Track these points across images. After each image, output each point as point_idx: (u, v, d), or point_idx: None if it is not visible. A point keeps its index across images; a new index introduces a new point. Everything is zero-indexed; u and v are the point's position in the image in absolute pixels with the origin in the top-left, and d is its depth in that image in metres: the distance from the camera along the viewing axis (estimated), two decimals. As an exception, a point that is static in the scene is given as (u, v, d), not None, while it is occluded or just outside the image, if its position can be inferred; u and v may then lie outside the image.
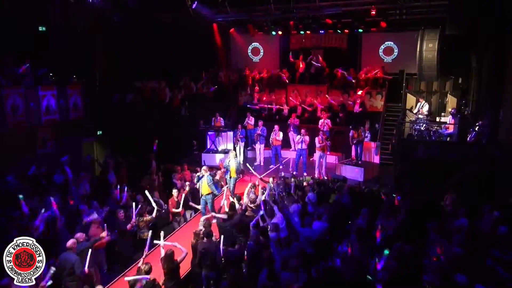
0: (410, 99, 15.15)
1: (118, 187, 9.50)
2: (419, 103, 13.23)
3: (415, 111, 13.32)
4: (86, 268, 6.23)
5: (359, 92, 15.06)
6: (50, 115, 11.65)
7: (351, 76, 15.55)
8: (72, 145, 12.07)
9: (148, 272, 5.85)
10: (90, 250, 6.35)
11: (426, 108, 12.92)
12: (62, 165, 10.61)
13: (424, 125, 11.98)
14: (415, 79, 15.16)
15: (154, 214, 8.29)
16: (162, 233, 6.94)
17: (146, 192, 8.67)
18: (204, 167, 9.61)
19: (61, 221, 7.46)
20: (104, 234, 7.23)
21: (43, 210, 7.15)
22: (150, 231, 7.44)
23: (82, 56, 13.37)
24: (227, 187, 10.22)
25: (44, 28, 12.22)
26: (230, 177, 10.65)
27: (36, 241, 4.85)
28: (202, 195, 9.45)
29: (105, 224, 7.54)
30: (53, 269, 5.40)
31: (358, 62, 16.72)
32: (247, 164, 11.70)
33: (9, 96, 10.43)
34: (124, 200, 9.07)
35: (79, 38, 12.91)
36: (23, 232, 6.40)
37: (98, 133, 13.08)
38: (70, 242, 6.38)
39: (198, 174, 9.83)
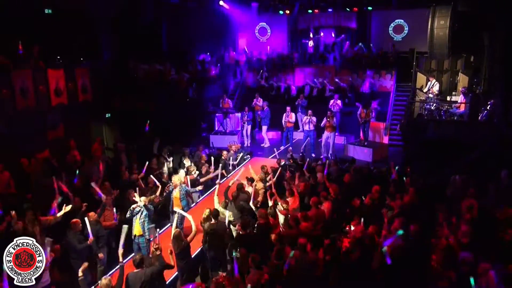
0: (421, 78, 14.91)
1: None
2: (429, 82, 13.02)
3: (425, 90, 13.13)
4: (90, 236, 6.40)
5: (368, 72, 14.87)
6: (59, 97, 11.71)
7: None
8: (81, 128, 12.16)
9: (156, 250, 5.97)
10: (86, 218, 6.47)
11: (436, 87, 12.72)
12: (73, 148, 10.76)
13: (434, 104, 11.82)
14: (425, 57, 14.89)
15: (158, 194, 8.36)
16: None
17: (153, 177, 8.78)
18: (141, 198, 7.22)
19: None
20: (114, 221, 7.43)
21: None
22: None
23: (89, 38, 13.33)
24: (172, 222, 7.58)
25: (50, 11, 12.17)
26: (172, 210, 8.06)
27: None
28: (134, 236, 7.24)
29: (115, 208, 7.71)
30: None
31: (368, 40, 16.44)
32: (275, 149, 11.89)
33: (18, 78, 10.47)
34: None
35: (86, 20, 12.85)
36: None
37: (107, 116, 13.14)
38: (73, 221, 6.59)
39: (133, 207, 7.17)
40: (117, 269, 5.58)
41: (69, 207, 6.92)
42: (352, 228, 6.60)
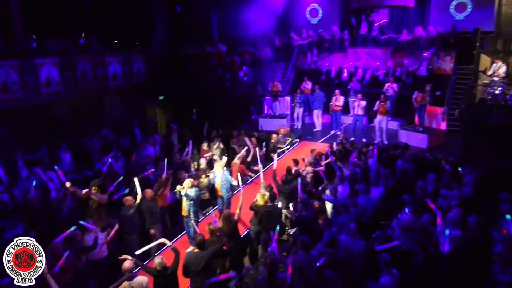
0: (484, 60, 13.87)
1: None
2: (494, 64, 12.07)
3: (489, 73, 12.20)
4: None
5: (425, 54, 14.07)
6: (116, 80, 12.23)
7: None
8: (137, 110, 12.66)
9: (213, 231, 6.14)
10: (136, 179, 7.09)
11: (503, 69, 11.76)
12: (128, 128, 11.27)
13: (499, 88, 10.97)
14: (491, 38, 13.81)
15: (211, 176, 8.54)
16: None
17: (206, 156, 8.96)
18: (186, 181, 7.30)
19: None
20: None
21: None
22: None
23: (144, 23, 13.73)
24: (216, 209, 8.34)
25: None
26: (218, 197, 8.25)
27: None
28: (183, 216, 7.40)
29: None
30: None
31: (426, 21, 15.54)
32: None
33: (79, 63, 11.05)
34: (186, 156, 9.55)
35: (141, 5, 13.23)
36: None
37: (160, 98, 13.56)
38: (125, 198, 7.02)
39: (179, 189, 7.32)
40: (167, 247, 5.79)
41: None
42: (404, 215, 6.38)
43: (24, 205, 7.30)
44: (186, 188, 7.15)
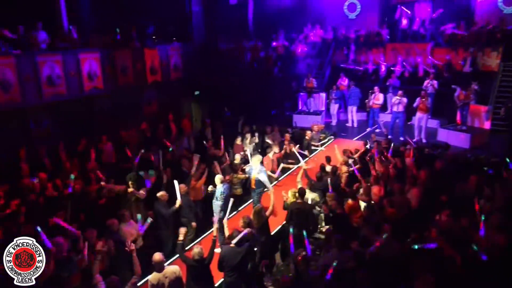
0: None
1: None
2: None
3: (540, 70, 11.53)
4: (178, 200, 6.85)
5: (471, 50, 13.42)
6: (154, 75, 12.50)
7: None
8: (173, 104, 12.90)
9: (249, 223, 6.07)
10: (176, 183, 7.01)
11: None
12: (165, 123, 11.50)
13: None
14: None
15: (247, 169, 8.56)
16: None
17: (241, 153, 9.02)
18: (217, 177, 7.35)
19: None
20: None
21: None
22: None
23: (181, 18, 13.94)
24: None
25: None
26: (251, 190, 8.21)
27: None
28: None
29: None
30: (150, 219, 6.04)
31: (472, 14, 14.82)
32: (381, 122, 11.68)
33: (119, 57, 11.37)
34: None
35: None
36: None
37: (195, 93, 13.73)
38: (160, 194, 7.04)
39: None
40: (203, 237, 5.86)
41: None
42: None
43: (65, 194, 7.62)
44: (217, 184, 7.21)
